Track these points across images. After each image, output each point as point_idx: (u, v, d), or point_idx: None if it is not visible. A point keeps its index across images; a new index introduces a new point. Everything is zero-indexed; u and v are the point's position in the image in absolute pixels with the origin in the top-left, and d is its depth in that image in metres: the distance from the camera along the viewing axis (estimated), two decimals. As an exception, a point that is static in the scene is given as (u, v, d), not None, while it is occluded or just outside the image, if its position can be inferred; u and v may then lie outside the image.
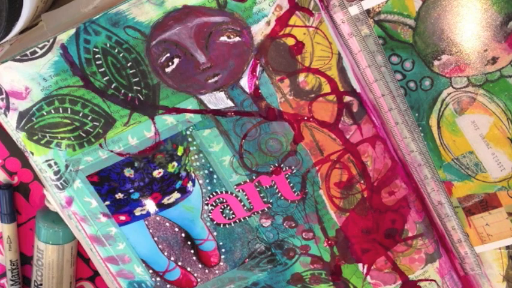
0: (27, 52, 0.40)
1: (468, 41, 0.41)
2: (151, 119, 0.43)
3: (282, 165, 0.44)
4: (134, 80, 0.42)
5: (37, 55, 0.40)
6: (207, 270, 0.48)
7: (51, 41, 0.40)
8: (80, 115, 0.42)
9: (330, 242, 0.46)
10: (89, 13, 0.40)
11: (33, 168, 0.47)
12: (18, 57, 0.40)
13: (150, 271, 0.48)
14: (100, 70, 0.41)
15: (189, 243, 0.47)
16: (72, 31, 0.40)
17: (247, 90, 0.42)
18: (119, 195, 0.45)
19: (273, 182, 0.45)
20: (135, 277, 0.48)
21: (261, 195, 0.45)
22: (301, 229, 0.46)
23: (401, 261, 0.46)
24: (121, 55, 0.41)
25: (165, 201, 0.46)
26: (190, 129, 0.43)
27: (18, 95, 0.41)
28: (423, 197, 0.46)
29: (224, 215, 0.46)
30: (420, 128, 0.43)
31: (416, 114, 0.43)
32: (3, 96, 0.42)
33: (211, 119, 0.43)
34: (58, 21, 0.41)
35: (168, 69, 0.41)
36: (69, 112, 0.42)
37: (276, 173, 0.44)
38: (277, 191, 0.45)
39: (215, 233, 0.47)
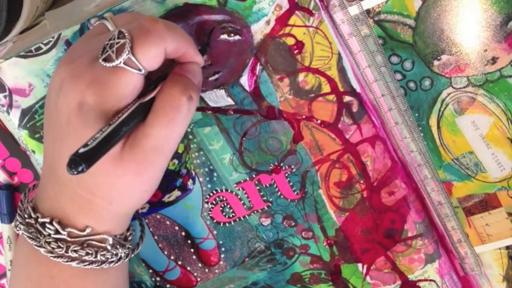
0: (32, 48, 0.40)
1: (468, 41, 0.41)
2: (152, 117, 0.43)
3: (281, 164, 0.44)
4: (136, 78, 0.42)
5: (42, 51, 0.41)
6: (206, 270, 0.48)
7: (55, 37, 0.40)
8: (82, 113, 0.43)
9: (329, 242, 0.46)
10: (91, 11, 0.40)
11: (33, 168, 0.47)
12: (22, 53, 0.41)
13: (150, 271, 0.48)
14: (102, 68, 0.41)
15: (189, 242, 0.47)
16: (77, 27, 0.40)
17: (247, 88, 0.42)
18: (120, 193, 0.45)
19: (273, 181, 0.45)
20: (135, 277, 0.48)
21: (261, 193, 0.45)
22: (300, 228, 0.46)
23: (401, 261, 0.46)
24: (123, 53, 0.41)
25: (166, 199, 0.46)
26: (190, 127, 0.43)
27: (21, 92, 0.42)
28: (423, 197, 0.45)
29: (224, 214, 0.46)
30: (420, 128, 0.43)
31: (416, 114, 0.43)
32: (7, 93, 0.42)
33: (211, 116, 0.43)
34: (61, 19, 0.41)
35: (169, 67, 0.42)
36: (71, 109, 0.43)
37: (275, 172, 0.44)
38: (276, 189, 0.45)
39: (215, 232, 0.47)
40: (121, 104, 0.34)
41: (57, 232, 0.37)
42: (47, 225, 0.37)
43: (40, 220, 0.37)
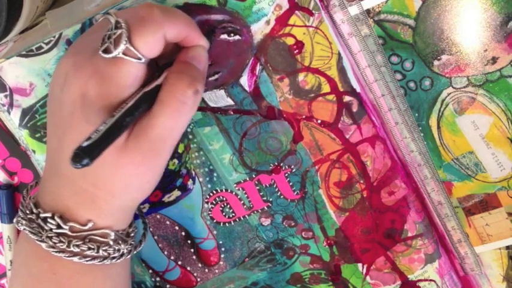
0: (33, 47, 0.41)
1: (468, 41, 0.41)
2: (152, 116, 0.43)
3: (281, 164, 0.44)
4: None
5: (43, 50, 0.41)
6: (206, 270, 0.48)
7: (56, 36, 0.40)
8: (82, 112, 0.43)
9: (329, 242, 0.46)
10: (92, 11, 0.40)
11: (33, 168, 0.47)
12: (23, 52, 0.41)
13: (150, 271, 0.48)
14: (102, 67, 0.42)
15: (189, 242, 0.47)
16: (78, 26, 0.40)
17: (247, 88, 0.42)
18: (120, 193, 0.45)
19: (273, 181, 0.45)
20: (135, 277, 0.48)
21: (261, 193, 0.45)
22: (300, 228, 0.46)
23: (401, 261, 0.46)
24: (123, 53, 0.41)
25: (166, 199, 0.46)
26: (191, 127, 0.43)
27: (22, 91, 0.42)
28: (423, 197, 0.45)
29: (224, 214, 0.46)
30: (420, 128, 0.43)
31: (416, 114, 0.43)
32: (7, 93, 0.42)
33: (211, 116, 0.43)
34: (61, 19, 0.41)
35: (169, 67, 0.42)
36: (71, 109, 0.43)
37: (275, 172, 0.44)
38: (276, 189, 0.45)
39: (215, 232, 0.47)
40: (124, 95, 0.34)
41: (58, 227, 0.37)
42: (49, 220, 0.37)
43: (42, 215, 0.37)
